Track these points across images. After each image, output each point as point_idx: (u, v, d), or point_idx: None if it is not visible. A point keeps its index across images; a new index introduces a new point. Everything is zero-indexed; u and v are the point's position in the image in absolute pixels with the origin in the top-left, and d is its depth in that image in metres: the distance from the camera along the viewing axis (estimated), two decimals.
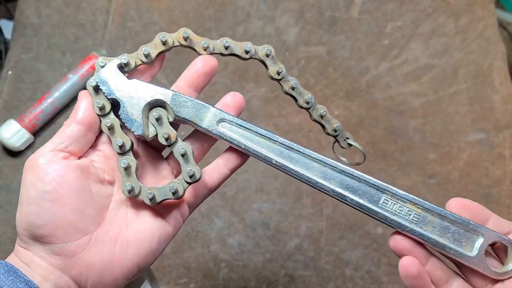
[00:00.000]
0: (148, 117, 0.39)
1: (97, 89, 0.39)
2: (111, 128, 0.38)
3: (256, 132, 0.39)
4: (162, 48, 0.40)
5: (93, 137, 0.39)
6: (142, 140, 0.41)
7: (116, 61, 0.39)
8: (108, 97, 0.38)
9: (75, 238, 0.35)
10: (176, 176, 0.43)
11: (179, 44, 0.41)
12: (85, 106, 0.38)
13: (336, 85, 0.85)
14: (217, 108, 0.39)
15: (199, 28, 0.88)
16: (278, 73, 0.42)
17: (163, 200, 0.38)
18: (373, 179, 0.38)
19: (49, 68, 0.84)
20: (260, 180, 0.78)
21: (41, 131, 0.79)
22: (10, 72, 0.83)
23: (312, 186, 0.38)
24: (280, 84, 0.42)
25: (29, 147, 0.78)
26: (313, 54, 0.87)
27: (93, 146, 0.39)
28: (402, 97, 0.85)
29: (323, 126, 0.43)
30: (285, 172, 0.38)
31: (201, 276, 0.72)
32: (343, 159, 0.43)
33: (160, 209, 0.40)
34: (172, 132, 0.38)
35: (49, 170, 0.35)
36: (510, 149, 0.82)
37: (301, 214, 0.77)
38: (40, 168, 0.35)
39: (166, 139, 0.38)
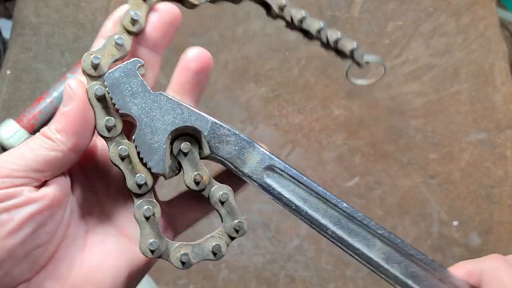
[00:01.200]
0: (172, 149, 0.29)
1: (103, 99, 0.28)
2: (125, 158, 0.28)
3: (313, 190, 0.30)
4: (146, 8, 0.29)
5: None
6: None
7: (136, 61, 0.28)
8: (119, 111, 0.28)
9: None
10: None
11: None
12: (83, 121, 0.26)
13: (336, 85, 0.85)
14: (266, 150, 0.30)
15: (199, 27, 0.88)
16: (282, 8, 0.34)
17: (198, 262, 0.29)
18: (442, 267, 0.30)
19: (48, 67, 0.83)
20: None
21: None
22: (9, 72, 0.83)
23: (371, 269, 0.31)
24: (286, 21, 0.35)
25: None
26: (314, 54, 0.87)
27: None
28: (403, 96, 0.84)
29: (338, 52, 0.37)
30: (340, 247, 0.31)
31: (201, 277, 0.72)
32: (361, 81, 0.37)
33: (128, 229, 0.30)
34: (206, 174, 0.29)
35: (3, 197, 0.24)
36: (511, 149, 0.81)
37: None
38: None
39: (197, 183, 0.29)
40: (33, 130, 0.77)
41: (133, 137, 0.28)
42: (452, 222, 0.77)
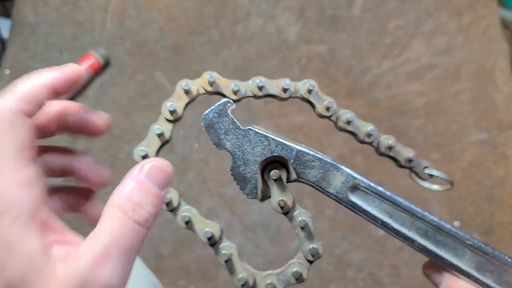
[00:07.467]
0: (263, 176, 0.33)
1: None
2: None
3: (397, 205, 0.31)
4: (187, 99, 0.34)
5: None
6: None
7: (227, 102, 0.33)
8: (217, 147, 0.32)
9: None
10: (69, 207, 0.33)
11: (204, 92, 0.35)
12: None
13: (337, 84, 0.84)
14: (350, 170, 0.32)
15: (199, 26, 0.87)
16: (328, 109, 0.36)
17: None
18: None
19: (46, 67, 0.83)
20: None
21: None
22: (7, 71, 0.82)
23: (462, 278, 0.31)
24: (332, 121, 0.36)
25: None
26: (314, 53, 0.86)
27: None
28: (404, 96, 0.84)
29: (393, 159, 0.37)
30: (428, 257, 0.31)
31: (201, 278, 0.72)
32: (428, 184, 0.37)
33: None
34: (290, 199, 0.33)
35: None
36: None
37: None
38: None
39: (282, 207, 0.33)
40: None
41: (229, 169, 0.32)
42: (453, 222, 0.77)
